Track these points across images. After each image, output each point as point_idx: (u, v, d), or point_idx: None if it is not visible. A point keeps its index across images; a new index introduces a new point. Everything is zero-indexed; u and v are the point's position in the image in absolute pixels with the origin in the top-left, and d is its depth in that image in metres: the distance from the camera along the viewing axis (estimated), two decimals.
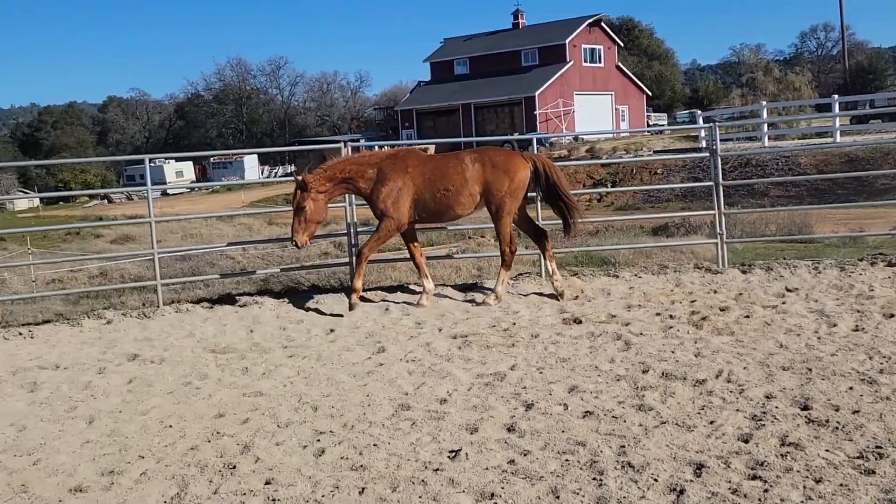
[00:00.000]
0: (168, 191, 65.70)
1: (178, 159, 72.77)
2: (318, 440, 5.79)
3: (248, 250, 18.28)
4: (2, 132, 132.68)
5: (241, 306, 10.48)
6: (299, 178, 9.62)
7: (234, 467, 5.33)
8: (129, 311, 10.37)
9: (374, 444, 5.64)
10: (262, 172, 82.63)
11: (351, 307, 9.82)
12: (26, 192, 68.70)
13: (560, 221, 10.30)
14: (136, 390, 7.31)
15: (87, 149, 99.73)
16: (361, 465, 5.27)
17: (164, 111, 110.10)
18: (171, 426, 6.29)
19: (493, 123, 64.67)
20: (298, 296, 10.97)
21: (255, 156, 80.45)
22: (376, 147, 13.50)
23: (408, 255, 10.44)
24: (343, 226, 12.33)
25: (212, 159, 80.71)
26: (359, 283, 9.99)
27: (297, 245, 9.81)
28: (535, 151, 11.96)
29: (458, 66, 70.79)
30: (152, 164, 76.62)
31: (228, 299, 10.92)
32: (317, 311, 10.08)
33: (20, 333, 9.47)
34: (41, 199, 64.65)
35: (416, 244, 10.36)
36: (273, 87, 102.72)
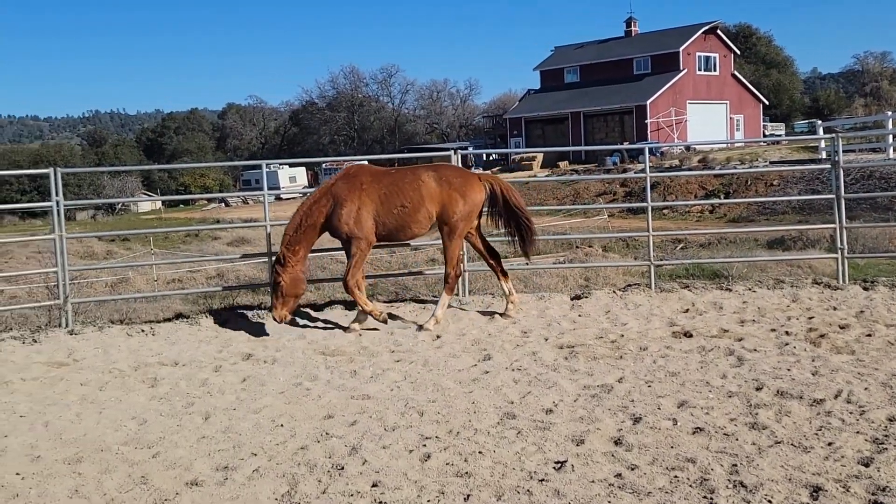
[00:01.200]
0: (281, 196, 67.46)
1: (291, 165, 74.58)
2: (424, 445, 5.83)
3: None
4: (128, 137, 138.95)
5: (349, 311, 10.67)
6: (277, 253, 9.52)
7: (342, 468, 5.43)
8: (244, 311, 10.69)
9: (480, 452, 5.65)
10: None
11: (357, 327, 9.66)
12: (150, 195, 71.83)
13: (515, 240, 10.18)
14: (249, 389, 7.53)
15: (206, 154, 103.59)
16: (467, 472, 5.28)
17: (280, 118, 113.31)
18: (282, 425, 6.45)
19: (603, 132, 63.99)
20: (404, 301, 11.10)
21: (366, 162, 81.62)
22: (483, 155, 13.55)
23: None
24: None
25: (324, 165, 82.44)
26: (369, 306, 9.64)
27: (276, 320, 9.50)
28: (646, 161, 11.77)
29: (568, 75, 70.31)
30: (267, 170, 78.86)
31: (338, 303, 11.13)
32: (423, 317, 10.17)
33: (143, 330, 9.88)
34: (163, 202, 67.50)
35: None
36: (384, 94, 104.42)
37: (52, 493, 5.26)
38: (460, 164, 11.41)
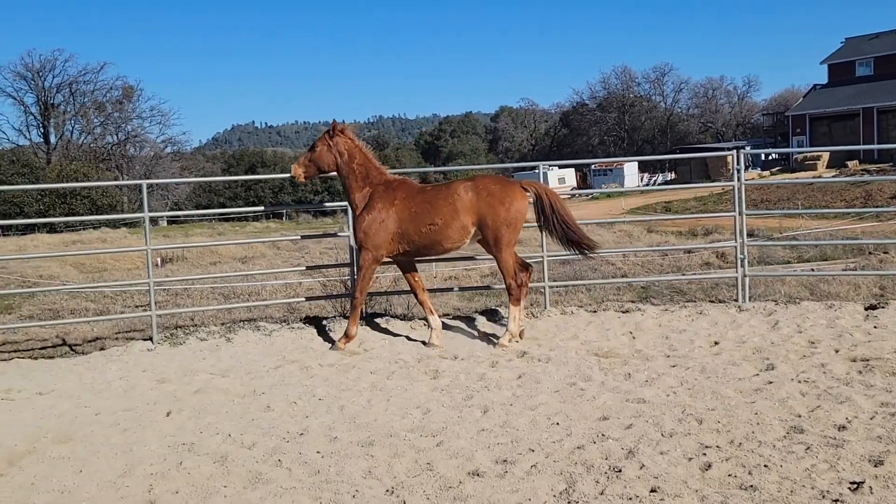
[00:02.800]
0: None
1: (562, 166, 75.19)
2: (704, 454, 5.66)
3: (628, 256, 18.38)
4: (408, 141, 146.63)
5: (623, 312, 10.60)
6: (337, 126, 9.58)
7: (620, 471, 5.40)
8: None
9: (765, 465, 5.39)
10: (641, 180, 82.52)
11: (335, 346, 9.54)
12: None
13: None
14: (525, 386, 7.69)
15: (479, 156, 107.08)
16: (751, 486, 5.06)
17: (550, 120, 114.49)
18: (557, 423, 6.53)
19: None
20: (679, 305, 10.83)
21: (636, 163, 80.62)
22: (762, 155, 12.81)
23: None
24: (727, 235, 11.90)
25: (593, 166, 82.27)
26: (354, 330, 9.52)
27: (291, 176, 9.75)
28: None
29: (860, 68, 65.07)
30: (536, 172, 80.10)
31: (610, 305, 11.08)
32: (700, 321, 9.88)
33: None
34: None
35: (415, 277, 9.81)
36: (657, 93, 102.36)
37: (348, 472, 5.69)
38: (740, 164, 10.90)
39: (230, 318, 11.70)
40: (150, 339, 10.14)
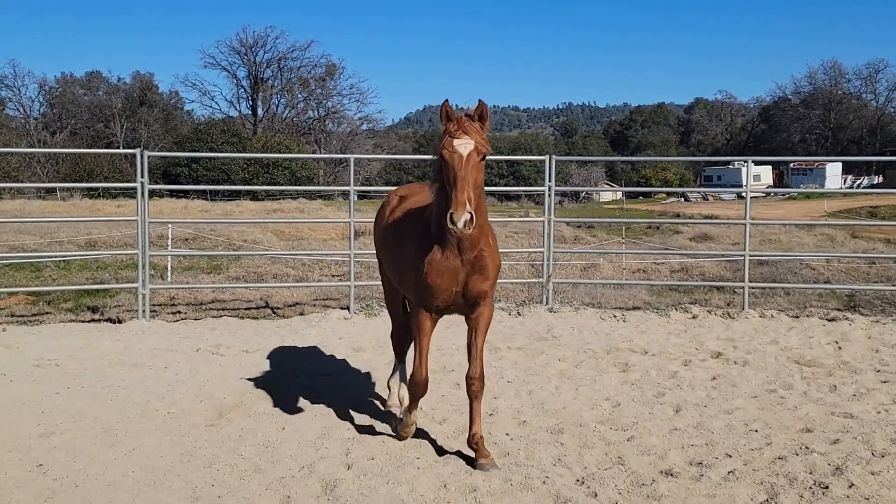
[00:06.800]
0: (741, 194, 65.75)
1: (762, 163, 72.14)
2: None
3: (831, 262, 17.35)
4: (597, 129, 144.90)
5: (828, 320, 10.03)
6: None
7: (826, 487, 5.10)
8: (713, 309, 10.57)
9: None
10: (845, 182, 77.80)
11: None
12: (612, 186, 74.27)
13: None
14: (719, 388, 7.42)
15: (669, 148, 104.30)
16: None
17: (748, 114, 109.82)
18: (756, 430, 6.25)
19: None
20: (892, 318, 10.13)
21: (839, 164, 76.05)
22: None
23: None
24: None
25: (791, 165, 78.28)
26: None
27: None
28: None
29: None
30: (731, 167, 77.11)
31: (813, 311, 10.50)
32: None
33: (614, 316, 10.25)
34: (624, 193, 69.34)
35: None
36: (868, 91, 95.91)
37: (538, 457, 5.67)
38: None
39: None
40: (347, 308, 10.53)
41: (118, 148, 69.79)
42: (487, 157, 5.16)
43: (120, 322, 10.20)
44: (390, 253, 6.21)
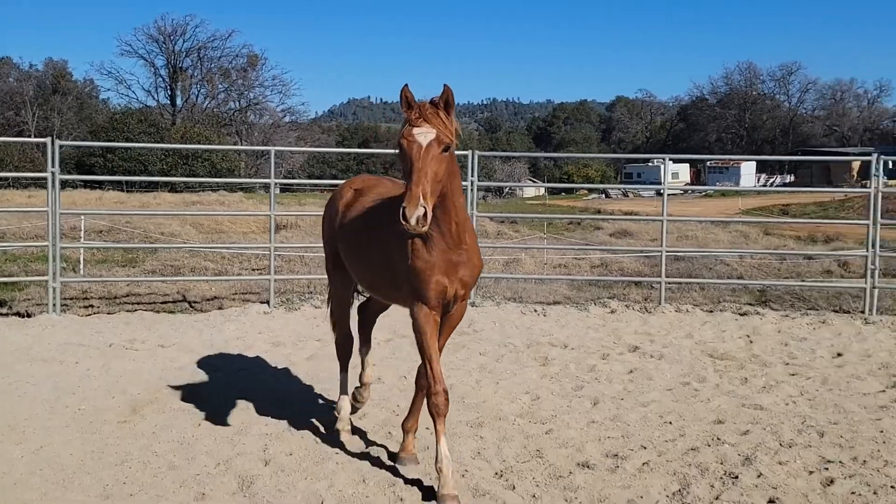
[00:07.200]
0: (660, 191, 67.15)
1: (676, 161, 73.71)
2: (826, 468, 5.44)
3: (744, 258, 17.85)
4: (520, 125, 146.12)
5: (741, 314, 10.32)
6: None
7: (736, 477, 5.24)
8: (631, 304, 10.77)
9: (892, 486, 5.15)
10: (759, 180, 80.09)
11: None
12: (534, 182, 75.02)
13: None
14: (636, 381, 7.56)
15: (591, 145, 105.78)
16: None
17: (668, 113, 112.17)
18: (670, 422, 6.39)
19: None
20: (800, 312, 10.46)
21: (753, 163, 78.24)
22: (891, 163, 12.20)
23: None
24: (849, 243, 11.40)
25: (708, 163, 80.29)
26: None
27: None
28: None
29: None
30: (651, 165, 78.67)
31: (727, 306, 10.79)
32: (823, 331, 9.53)
33: (535, 310, 10.35)
34: (546, 189, 70.16)
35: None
36: (781, 92, 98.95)
37: (457, 451, 5.68)
38: (878, 170, 10.42)
39: None
40: (267, 302, 10.40)
41: (29, 136, 67.45)
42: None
43: (29, 316, 9.88)
44: (357, 251, 5.65)
